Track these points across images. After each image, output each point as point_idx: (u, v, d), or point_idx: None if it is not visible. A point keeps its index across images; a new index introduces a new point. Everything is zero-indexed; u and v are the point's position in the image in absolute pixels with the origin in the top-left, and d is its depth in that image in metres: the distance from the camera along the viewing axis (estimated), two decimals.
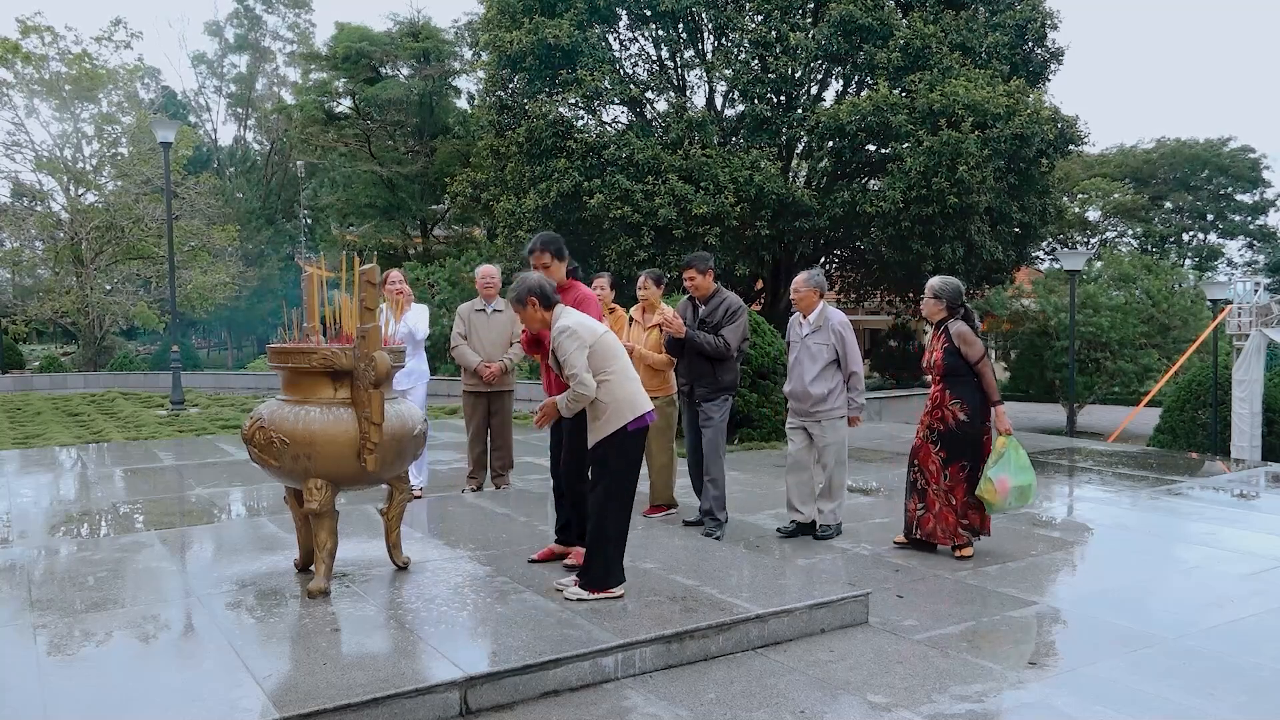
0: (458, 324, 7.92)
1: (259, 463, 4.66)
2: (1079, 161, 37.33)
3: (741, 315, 6.40)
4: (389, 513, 5.03)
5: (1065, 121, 17.74)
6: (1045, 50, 19.11)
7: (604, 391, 4.49)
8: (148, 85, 39.77)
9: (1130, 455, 11.21)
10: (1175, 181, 46.46)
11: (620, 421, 4.49)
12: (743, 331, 6.43)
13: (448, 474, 9.15)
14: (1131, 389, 23.35)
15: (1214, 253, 48.85)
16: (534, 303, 4.61)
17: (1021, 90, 16.91)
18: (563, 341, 4.47)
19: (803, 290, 6.35)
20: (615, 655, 3.96)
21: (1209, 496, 8.38)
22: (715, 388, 6.41)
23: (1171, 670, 4.14)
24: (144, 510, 7.68)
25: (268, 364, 5.25)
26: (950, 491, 5.84)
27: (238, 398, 21.04)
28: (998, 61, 17.69)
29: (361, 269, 4.55)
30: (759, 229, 17.10)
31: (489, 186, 20.70)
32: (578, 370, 4.42)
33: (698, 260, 6.49)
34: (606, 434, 4.51)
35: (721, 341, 6.31)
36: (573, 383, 4.44)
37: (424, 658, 3.82)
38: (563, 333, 4.49)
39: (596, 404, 4.50)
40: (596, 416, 4.53)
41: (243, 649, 3.89)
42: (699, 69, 19.39)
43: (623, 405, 4.51)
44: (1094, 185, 39.84)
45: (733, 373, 6.47)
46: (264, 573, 5.05)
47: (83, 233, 29.16)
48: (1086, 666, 4.16)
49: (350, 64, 30.62)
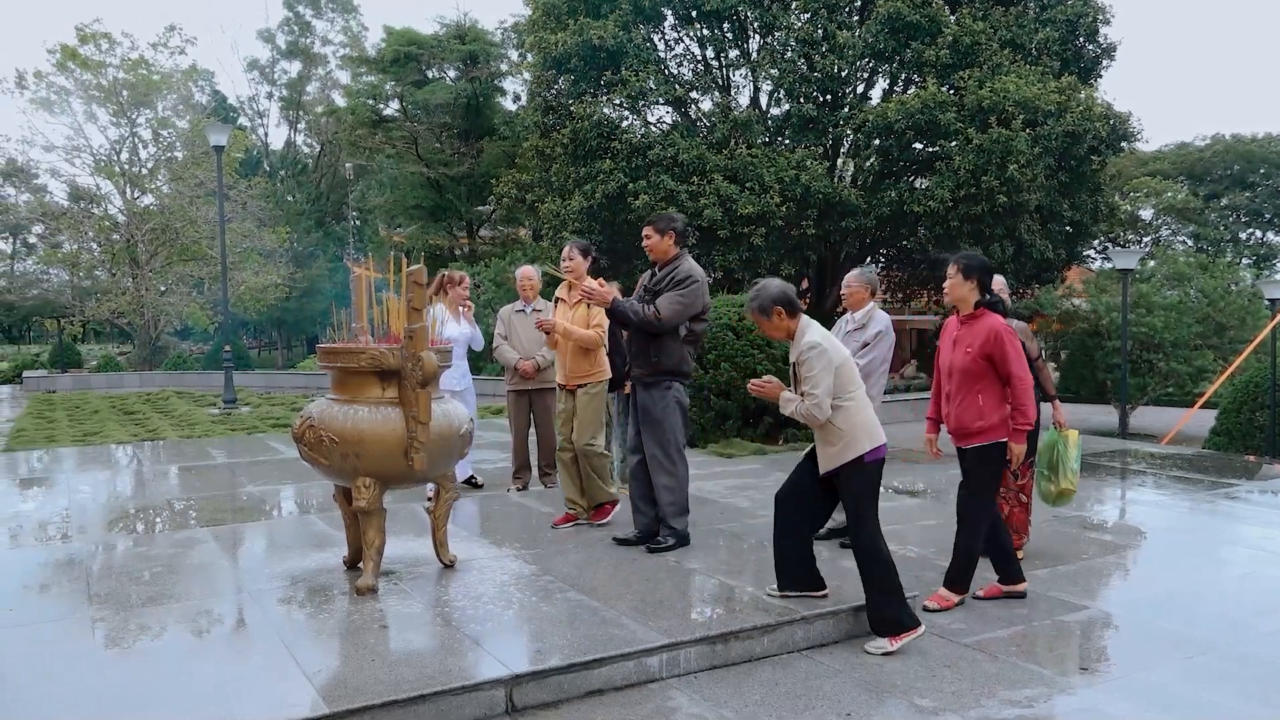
0: (499, 325, 8.02)
1: (309, 461, 4.72)
2: (1132, 159, 36.60)
3: (689, 286, 5.45)
4: (436, 511, 5.07)
5: (1117, 118, 17.45)
6: (1097, 46, 18.78)
7: (841, 417, 4.32)
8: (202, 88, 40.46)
9: (1185, 458, 10.97)
10: (1231, 179, 45.40)
11: (856, 450, 4.31)
12: (686, 304, 5.44)
13: (493, 473, 9.21)
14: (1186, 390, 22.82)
15: (1272, 251, 47.66)
16: (780, 313, 4.40)
17: (1073, 87, 16.63)
18: (811, 358, 4.30)
19: (854, 286, 6.23)
20: (660, 655, 3.96)
21: (1265, 500, 8.18)
22: (651, 371, 5.54)
23: (1225, 676, 4.05)
24: (197, 507, 7.82)
25: (317, 363, 5.32)
26: (1021, 490, 5.81)
27: (288, 397, 21.33)
28: (1048, 58, 17.42)
29: (409, 270, 4.59)
30: (805, 229, 16.99)
31: (534, 188, 20.80)
32: (819, 394, 4.26)
33: (658, 218, 5.66)
34: (841, 462, 4.34)
35: (650, 311, 5.40)
36: (808, 401, 4.28)
37: (470, 655, 3.85)
38: (813, 349, 4.31)
39: (830, 429, 4.34)
40: (830, 442, 4.36)
41: (293, 644, 3.94)
42: (744, 68, 19.32)
43: (859, 433, 4.33)
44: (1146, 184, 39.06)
45: (674, 355, 5.52)
46: (314, 569, 5.12)
47: (138, 235, 29.78)
48: (1139, 672, 4.08)
49: (398, 67, 30.90)
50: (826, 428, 4.35)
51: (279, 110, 44.33)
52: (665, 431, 5.58)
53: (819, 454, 4.46)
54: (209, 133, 18.91)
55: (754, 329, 11.09)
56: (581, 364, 6.11)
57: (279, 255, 33.12)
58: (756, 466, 9.64)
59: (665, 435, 5.58)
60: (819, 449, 4.46)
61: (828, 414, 4.29)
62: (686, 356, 5.63)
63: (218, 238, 20.61)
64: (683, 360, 5.60)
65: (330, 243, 38.68)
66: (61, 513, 7.58)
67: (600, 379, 6.18)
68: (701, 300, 5.54)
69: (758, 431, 11.31)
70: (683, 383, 5.67)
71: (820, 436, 4.42)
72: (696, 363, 10.56)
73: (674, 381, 5.59)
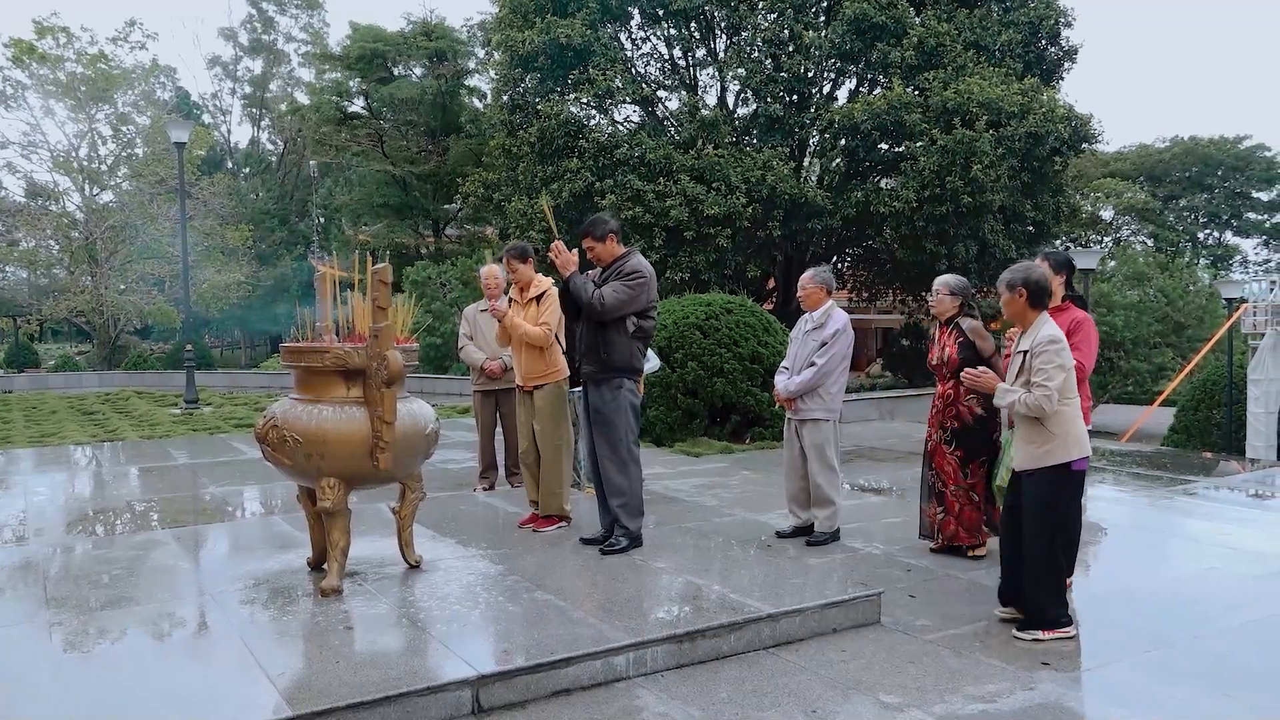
0: (463, 325, 8.00)
1: (272, 461, 4.68)
2: (1093, 160, 37.11)
3: (635, 280, 5.38)
4: (401, 511, 5.04)
5: (1079, 120, 17.66)
6: (1059, 48, 19.03)
7: (1057, 420, 4.34)
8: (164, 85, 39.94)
9: (1144, 455, 11.14)
10: (1189, 181, 46.21)
11: (1065, 456, 4.36)
12: (631, 295, 5.36)
13: (460, 473, 9.16)
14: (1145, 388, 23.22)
15: (1229, 251, 48.56)
16: (1023, 295, 4.45)
17: (1035, 89, 16.85)
18: (1051, 352, 4.33)
19: (809, 287, 6.21)
20: (627, 654, 3.96)
21: (1224, 497, 8.32)
22: (602, 367, 5.47)
23: (1187, 671, 4.11)
24: (158, 508, 7.71)
25: (281, 363, 5.27)
26: (971, 489, 5.79)
27: (251, 396, 21.11)
28: (1011, 60, 17.63)
29: (374, 268, 4.56)
30: (771, 229, 17.07)
31: (501, 186, 20.73)
32: (1052, 390, 4.29)
33: (594, 225, 5.53)
34: (1043, 464, 4.37)
35: (596, 296, 5.32)
36: (1038, 392, 4.30)
37: (436, 656, 3.83)
38: (1054, 343, 4.36)
39: (1043, 428, 4.37)
40: (1036, 441, 4.39)
41: (256, 647, 3.90)
42: (711, 68, 19.38)
43: (1069, 439, 4.37)
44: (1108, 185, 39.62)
45: (624, 352, 5.46)
46: (277, 571, 5.07)
47: (97, 232, 29.35)
48: (1101, 667, 4.14)
49: (364, 64, 30.68)
50: (1038, 426, 4.39)
51: (242, 107, 43.91)
52: (617, 431, 5.52)
53: (1018, 451, 4.50)
54: (170, 129, 18.68)
55: (721, 329, 11.12)
56: (536, 364, 6.09)
57: (242, 254, 32.77)
58: (723, 465, 9.67)
59: (617, 435, 5.52)
60: (1019, 446, 4.50)
61: (1055, 409, 4.33)
62: (636, 353, 5.56)
63: (179, 235, 20.35)
64: (632, 356, 5.53)
65: (295, 241, 38.35)
66: (17, 515, 7.44)
67: (556, 378, 6.13)
68: (647, 296, 5.47)
69: (724, 430, 11.35)
70: (633, 380, 5.60)
71: (1025, 434, 4.46)
72: (664, 362, 10.59)
73: (624, 379, 5.52)
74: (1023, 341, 4.51)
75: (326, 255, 6.62)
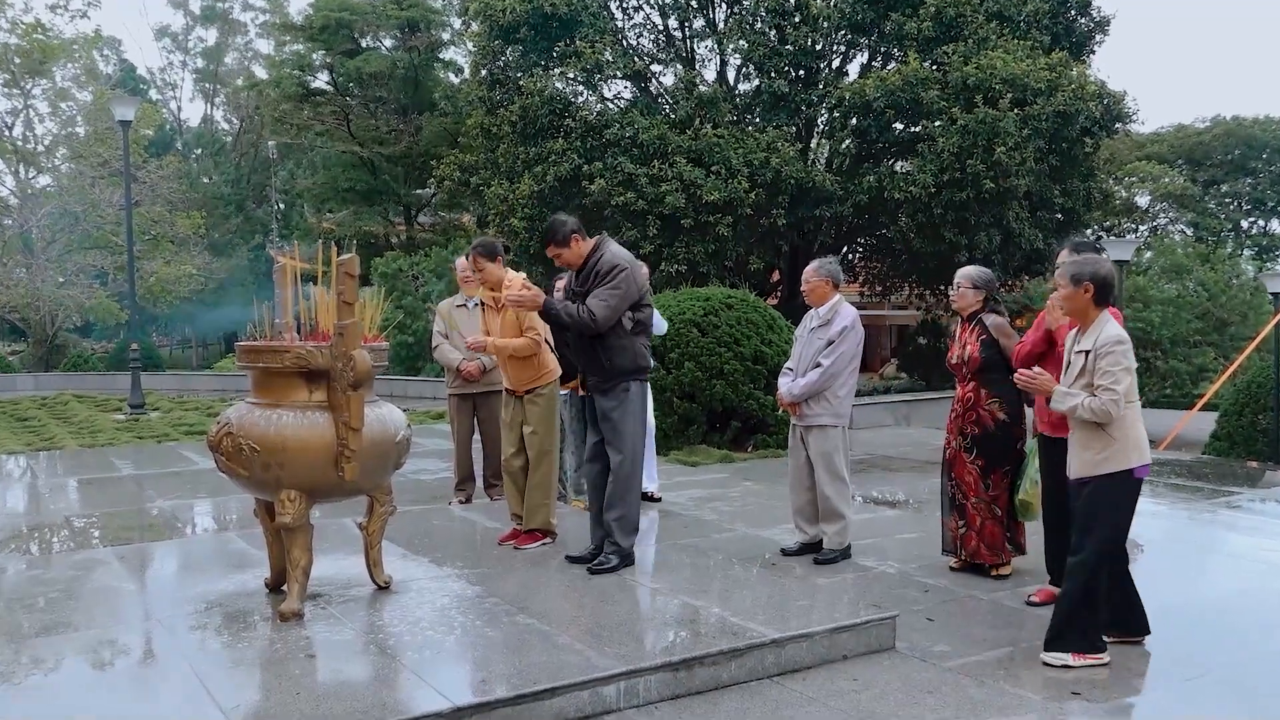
0: (437, 322, 7.96)
1: (227, 472, 4.66)
2: (1127, 142, 37.21)
3: (617, 276, 5.33)
4: (369, 527, 5.02)
5: (1112, 97, 17.69)
6: (1089, 19, 19.09)
7: (1118, 425, 4.39)
8: (107, 58, 39.86)
9: (1183, 464, 11.18)
10: (1231, 164, 46.31)
11: (1126, 463, 4.40)
12: (620, 296, 5.33)
13: (434, 484, 9.15)
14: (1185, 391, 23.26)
15: (1275, 242, 48.69)
16: (1089, 291, 4.48)
17: (1064, 63, 16.87)
18: (1118, 354, 4.38)
19: (813, 280, 6.20)
20: (618, 684, 3.95)
21: (1268, 510, 8.36)
22: (606, 375, 5.45)
23: (1226, 700, 4.13)
24: (100, 524, 7.68)
25: (236, 364, 5.25)
26: (993, 502, 5.77)
27: (203, 401, 21.05)
28: (1038, 31, 17.66)
29: (340, 260, 4.54)
30: (776, 217, 17.08)
31: (479, 169, 20.70)
32: (1120, 394, 4.35)
33: (552, 232, 5.53)
34: (1102, 471, 4.42)
35: (584, 312, 5.29)
36: (1104, 396, 4.34)
37: (407, 686, 3.82)
38: (1121, 344, 4.41)
39: (1102, 434, 4.41)
40: (1094, 448, 4.44)
41: (208, 677, 3.88)
42: (710, 40, 19.38)
43: (1130, 444, 4.42)
44: (1143, 169, 39.74)
45: (628, 353, 5.44)
46: (232, 593, 5.05)
47: (33, 219, 29.21)
48: (1134, 696, 4.15)
49: (328, 35, 30.64)
50: (1098, 431, 4.42)
51: (194, 83, 43.86)
52: (624, 437, 5.50)
53: (1073, 458, 4.53)
54: (114, 106, 18.59)
55: (721, 326, 11.12)
56: (525, 370, 6.00)
57: (194, 243, 32.67)
58: (723, 476, 9.67)
59: (624, 441, 5.50)
60: (1075, 452, 4.52)
61: (1118, 415, 4.37)
62: (641, 350, 5.53)
63: (124, 223, 20.28)
64: (638, 356, 5.50)
65: (252, 229, 38.27)
66: None
67: (549, 380, 6.07)
68: (636, 287, 5.42)
69: (724, 437, 11.35)
70: (641, 380, 5.59)
71: (1082, 439, 4.48)
72: (658, 362, 10.58)
73: (631, 382, 5.50)
74: (1083, 341, 4.53)
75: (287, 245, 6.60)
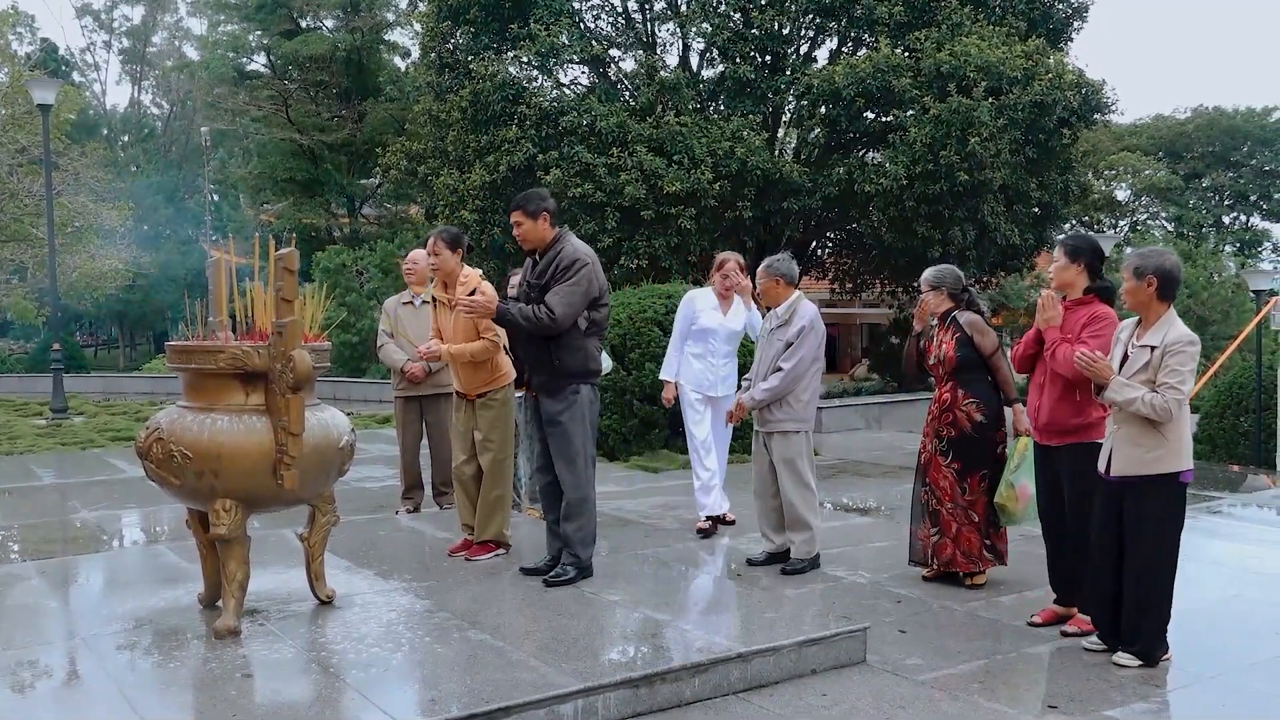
0: (383, 321, 7.93)
1: (157, 480, 4.62)
2: (1106, 133, 37.75)
3: (577, 272, 5.36)
4: (311, 538, 4.99)
5: (1090, 86, 17.89)
6: (1067, 5, 19.29)
7: (1172, 426, 4.50)
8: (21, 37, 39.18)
9: None
10: (1213, 157, 47.06)
11: (1175, 465, 4.51)
12: (580, 293, 5.37)
13: (379, 492, 9.11)
14: None
15: (1258, 237, 49.52)
16: (1153, 284, 4.56)
17: (1041, 51, 17.04)
18: (1188, 353, 4.49)
19: (763, 281, 6.18)
20: (575, 702, 3.95)
21: (1251, 515, 8.51)
22: (554, 375, 5.45)
23: (1211, 711, 4.20)
24: (19, 537, 7.59)
25: (166, 365, 5.20)
26: (970, 508, 5.81)
27: (131, 404, 20.80)
28: (1013, 17, 17.85)
29: (278, 254, 4.52)
30: (741, 209, 17.14)
31: (427, 158, 20.59)
32: (1184, 393, 4.45)
33: (527, 199, 5.52)
34: (1151, 471, 4.52)
35: (542, 311, 5.31)
36: (1168, 395, 4.41)
37: (352, 707, 3.81)
38: (1192, 344, 4.52)
39: (1155, 433, 4.50)
40: (1150, 445, 4.52)
41: (137, 699, 3.85)
42: (672, 23, 19.43)
43: (1182, 448, 4.53)
44: (1123, 160, 40.30)
45: (579, 354, 5.46)
46: (163, 609, 5.00)
47: None
48: (1113, 709, 4.21)
49: (265, 14, 30.38)
50: (1150, 429, 4.49)
51: (120, 64, 43.24)
52: (574, 444, 5.51)
53: (1119, 453, 4.60)
54: (32, 89, 18.36)
55: None
56: (479, 374, 5.99)
57: (121, 236, 32.22)
58: (686, 482, 9.65)
59: (574, 448, 5.51)
60: (1121, 448, 4.59)
61: (1175, 414, 4.46)
62: (593, 352, 5.57)
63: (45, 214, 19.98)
64: (589, 358, 5.54)
65: (183, 221, 37.84)
66: None
67: (504, 384, 6.07)
68: (596, 284, 5.48)
69: None
70: (591, 384, 5.61)
71: (1132, 436, 4.55)
72: (618, 363, 10.59)
73: (580, 385, 5.52)
74: (1148, 336, 4.61)
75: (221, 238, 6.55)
